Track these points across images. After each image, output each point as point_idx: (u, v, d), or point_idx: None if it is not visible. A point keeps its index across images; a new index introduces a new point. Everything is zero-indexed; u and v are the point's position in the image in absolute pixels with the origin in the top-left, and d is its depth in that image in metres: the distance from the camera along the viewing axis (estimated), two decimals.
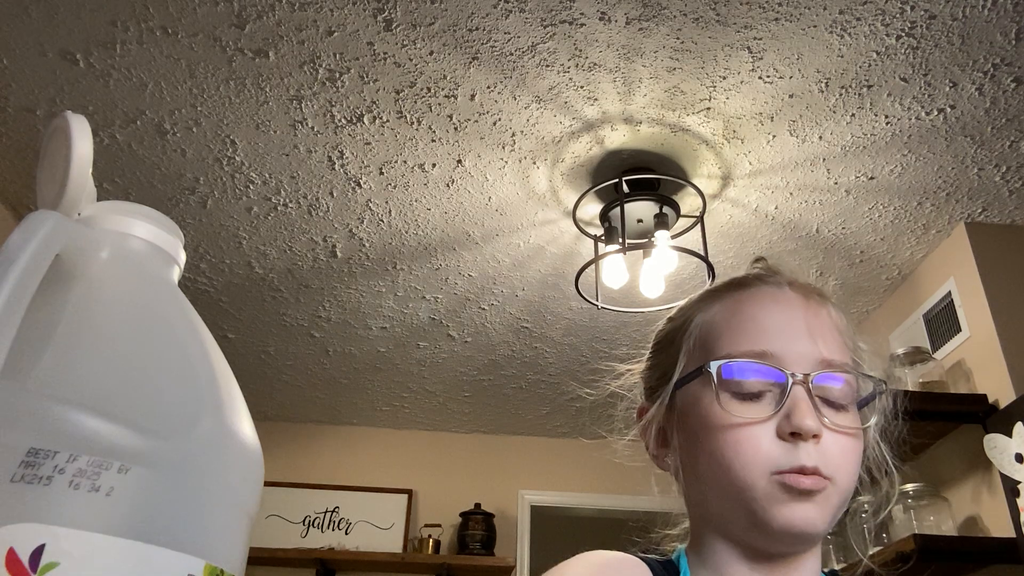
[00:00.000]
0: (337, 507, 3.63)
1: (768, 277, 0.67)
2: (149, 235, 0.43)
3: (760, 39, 1.87)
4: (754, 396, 0.59)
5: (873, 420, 0.64)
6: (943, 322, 2.49)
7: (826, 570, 0.67)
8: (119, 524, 0.32)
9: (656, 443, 0.68)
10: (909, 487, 2.31)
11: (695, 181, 2.29)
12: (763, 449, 0.58)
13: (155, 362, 0.38)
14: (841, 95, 2.02)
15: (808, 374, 0.59)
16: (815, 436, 0.57)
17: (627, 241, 2.21)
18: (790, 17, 1.81)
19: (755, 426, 0.58)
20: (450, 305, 2.92)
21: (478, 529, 3.51)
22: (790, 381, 0.59)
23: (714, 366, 0.61)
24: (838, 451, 0.58)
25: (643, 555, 0.65)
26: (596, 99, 2.06)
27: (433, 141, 2.20)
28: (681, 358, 0.66)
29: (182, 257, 0.45)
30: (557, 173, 2.31)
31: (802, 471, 0.57)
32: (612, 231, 2.31)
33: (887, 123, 2.10)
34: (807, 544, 0.60)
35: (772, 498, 0.57)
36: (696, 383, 0.63)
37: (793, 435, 0.57)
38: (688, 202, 2.36)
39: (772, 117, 2.10)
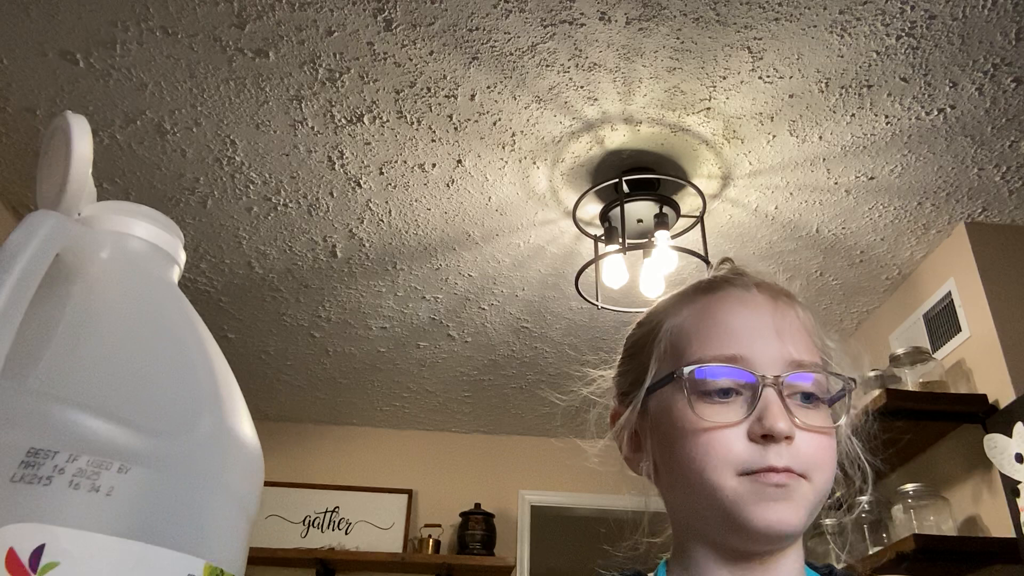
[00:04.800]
0: (337, 507, 3.63)
1: (736, 279, 0.67)
2: (149, 235, 0.43)
3: (760, 39, 1.87)
4: (725, 400, 0.60)
5: (844, 418, 0.64)
6: (943, 322, 2.49)
7: (822, 564, 0.68)
8: (119, 524, 0.32)
9: (630, 447, 0.68)
10: (909, 487, 2.31)
11: (695, 181, 2.29)
12: (734, 451, 0.58)
13: (155, 362, 0.38)
14: (841, 95, 2.02)
15: (778, 375, 0.60)
16: (787, 438, 0.58)
17: (627, 241, 2.21)
18: (790, 17, 1.81)
19: (727, 429, 0.59)
20: (450, 305, 2.93)
21: (478, 529, 3.51)
22: (761, 384, 0.59)
23: (685, 371, 0.61)
24: (811, 450, 0.59)
25: (619, 574, 0.66)
26: (596, 99, 2.06)
27: (433, 141, 2.20)
28: (652, 364, 0.66)
29: (182, 257, 0.45)
30: (557, 173, 2.31)
31: (772, 471, 0.57)
32: (612, 231, 2.31)
33: (887, 123, 2.10)
34: (784, 543, 0.60)
35: (745, 498, 0.57)
36: (668, 388, 0.63)
37: (765, 437, 0.58)
38: (688, 202, 2.36)
39: (772, 117, 2.10)
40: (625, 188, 2.25)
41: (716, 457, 0.58)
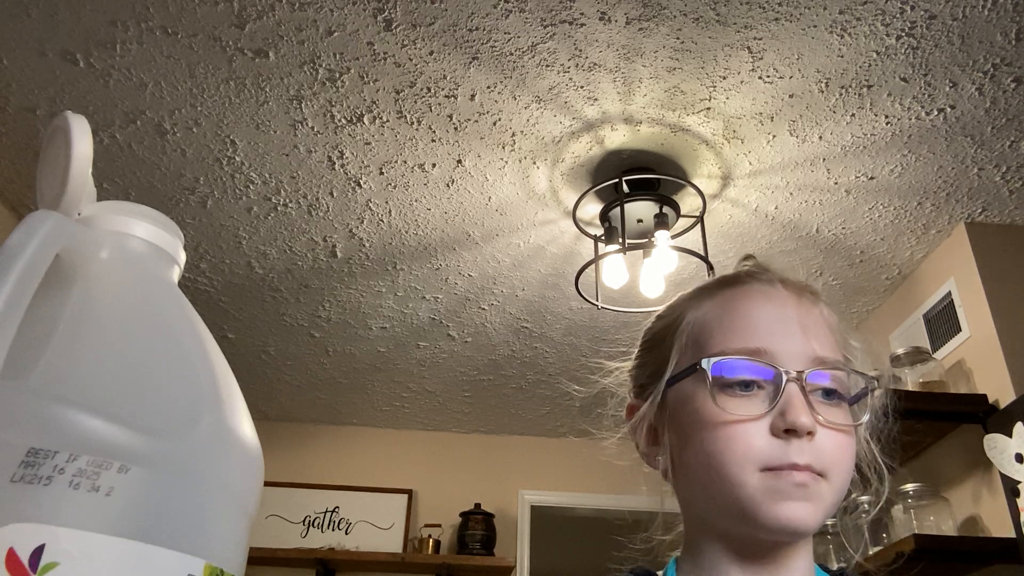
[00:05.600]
0: (337, 507, 3.63)
1: (760, 274, 0.67)
2: (149, 235, 0.43)
3: (760, 39, 1.87)
4: (747, 393, 0.59)
5: (865, 418, 0.63)
6: (943, 322, 2.49)
7: (835, 568, 0.67)
8: (119, 524, 0.32)
9: (646, 441, 0.68)
10: (909, 487, 2.31)
11: (695, 181, 2.29)
12: (756, 446, 0.58)
13: (155, 362, 0.38)
14: (841, 95, 2.02)
15: (801, 371, 0.59)
16: (809, 433, 0.57)
17: (627, 241, 2.21)
18: (790, 17, 1.81)
19: (748, 423, 0.58)
20: (450, 305, 2.92)
21: (478, 529, 3.51)
22: (784, 378, 0.59)
23: (707, 363, 0.60)
24: (832, 447, 0.58)
25: (629, 572, 0.66)
26: (596, 99, 2.06)
27: (433, 141, 2.20)
28: (673, 356, 0.65)
29: (182, 257, 0.45)
30: (557, 173, 2.31)
31: (794, 468, 0.57)
32: (612, 231, 2.31)
33: (887, 123, 2.10)
34: (799, 538, 0.60)
35: (764, 495, 0.57)
36: (689, 381, 0.63)
37: (787, 432, 0.57)
38: (688, 202, 2.36)
39: (772, 117, 2.10)
40: (625, 188, 2.25)
41: (737, 451, 0.58)
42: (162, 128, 2.15)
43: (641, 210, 2.28)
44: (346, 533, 3.58)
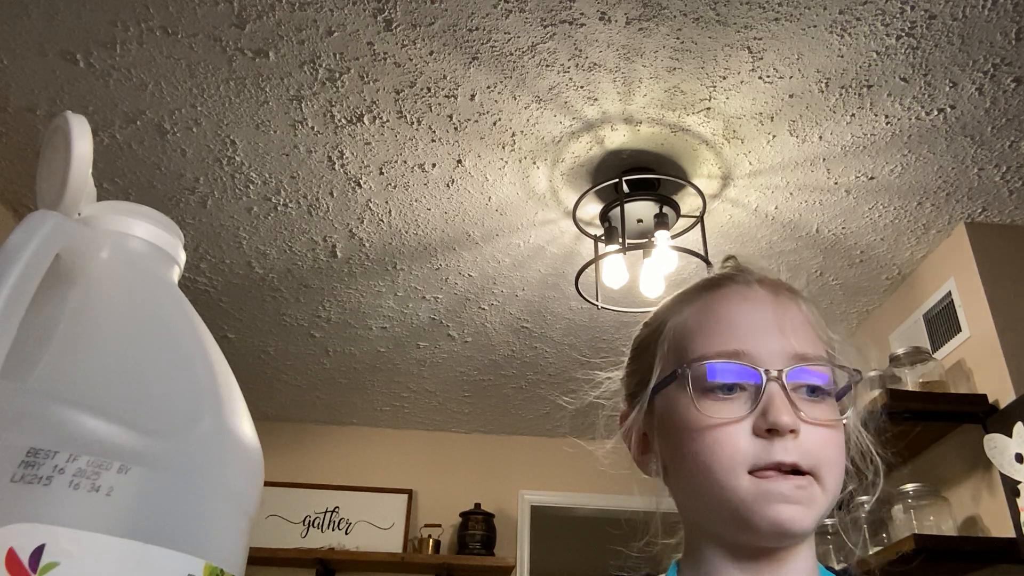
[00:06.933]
0: (337, 507, 3.63)
1: (737, 276, 0.67)
2: (149, 235, 0.43)
3: (760, 39, 1.87)
4: (729, 396, 0.60)
5: (851, 410, 0.64)
6: (943, 322, 2.49)
7: (838, 568, 0.67)
8: (119, 524, 0.32)
9: (639, 448, 0.68)
10: (909, 487, 2.31)
11: (695, 181, 2.29)
12: (741, 448, 0.58)
13: (155, 362, 0.38)
14: (841, 95, 2.02)
15: (782, 370, 0.59)
16: (792, 431, 0.57)
17: (627, 241, 2.21)
18: (790, 17, 1.81)
19: (732, 426, 0.58)
20: (450, 305, 2.92)
21: (478, 529, 3.51)
22: (764, 378, 0.59)
23: (687, 368, 0.61)
24: (818, 444, 0.58)
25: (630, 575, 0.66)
26: (596, 99, 2.06)
27: (433, 141, 2.20)
28: (657, 363, 0.66)
29: (182, 257, 0.45)
30: (557, 173, 2.31)
31: (779, 467, 0.57)
32: (612, 231, 2.31)
33: (887, 123, 2.10)
34: (794, 540, 0.60)
35: (755, 498, 0.57)
36: (672, 387, 0.63)
37: (770, 431, 0.57)
38: (688, 202, 2.36)
39: (772, 117, 2.10)
40: (625, 188, 2.25)
41: (723, 455, 0.58)
42: (162, 128, 2.15)
43: (641, 210, 2.28)
44: (346, 533, 3.58)
